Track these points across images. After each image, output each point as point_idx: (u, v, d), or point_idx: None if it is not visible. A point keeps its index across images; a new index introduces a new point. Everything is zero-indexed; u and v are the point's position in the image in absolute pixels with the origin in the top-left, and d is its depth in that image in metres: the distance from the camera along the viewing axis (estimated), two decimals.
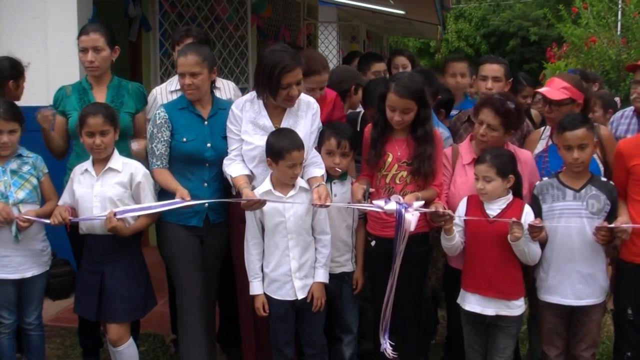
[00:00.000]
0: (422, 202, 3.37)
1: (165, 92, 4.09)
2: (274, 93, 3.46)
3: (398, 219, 3.29)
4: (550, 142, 3.75)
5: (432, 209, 3.39)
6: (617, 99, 5.22)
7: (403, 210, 3.28)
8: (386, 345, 3.47)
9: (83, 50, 3.73)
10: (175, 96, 3.95)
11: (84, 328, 3.94)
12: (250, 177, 3.54)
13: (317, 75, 3.81)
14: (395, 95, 3.42)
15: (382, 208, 3.33)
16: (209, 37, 6.07)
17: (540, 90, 3.78)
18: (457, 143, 3.83)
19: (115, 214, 3.35)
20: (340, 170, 3.62)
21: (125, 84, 3.92)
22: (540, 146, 3.80)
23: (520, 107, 3.79)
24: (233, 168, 3.54)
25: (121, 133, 3.72)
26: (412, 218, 3.27)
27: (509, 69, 4.25)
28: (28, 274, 3.54)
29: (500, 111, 3.47)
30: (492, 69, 4.18)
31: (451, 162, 3.65)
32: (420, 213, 3.36)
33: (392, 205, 3.30)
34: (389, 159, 3.51)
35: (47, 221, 3.44)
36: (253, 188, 3.47)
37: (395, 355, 3.50)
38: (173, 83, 4.11)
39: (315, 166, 3.54)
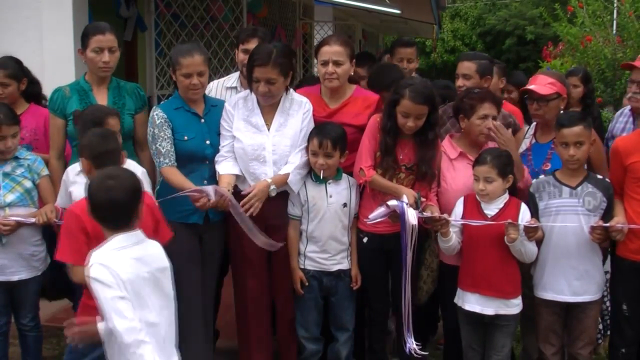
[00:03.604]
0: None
1: (221, 87, 4.09)
2: (250, 85, 3.54)
3: (402, 215, 3.31)
4: (533, 141, 3.78)
5: (428, 213, 3.40)
6: None
7: (405, 205, 3.30)
8: (412, 345, 3.46)
9: (97, 50, 3.68)
10: (231, 93, 3.97)
11: None
12: (240, 177, 3.57)
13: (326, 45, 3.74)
14: (411, 102, 3.41)
15: (387, 206, 3.36)
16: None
17: (528, 87, 3.78)
18: (443, 137, 3.82)
19: None
20: (323, 172, 3.59)
21: (124, 85, 3.89)
22: (524, 145, 3.82)
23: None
24: (222, 166, 3.57)
25: (125, 134, 3.72)
26: (413, 213, 3.31)
27: (485, 65, 4.14)
28: (15, 278, 3.50)
29: (499, 102, 3.60)
30: (463, 66, 4.12)
31: None
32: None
33: (393, 201, 3.34)
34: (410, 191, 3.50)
35: (33, 220, 3.42)
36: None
37: (423, 354, 3.52)
38: (232, 79, 4.12)
39: (289, 164, 3.57)
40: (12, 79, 3.87)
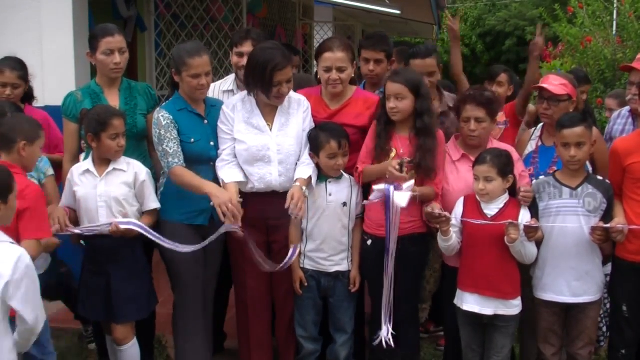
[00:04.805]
0: (412, 183, 3.35)
1: (218, 91, 4.09)
2: (267, 91, 3.48)
3: (387, 198, 3.30)
4: (540, 143, 3.77)
5: (429, 209, 3.40)
6: None
7: (392, 189, 3.28)
8: (387, 334, 3.46)
9: (107, 52, 3.68)
10: (228, 96, 3.98)
11: (99, 329, 3.91)
12: (244, 183, 3.56)
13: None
14: (389, 81, 3.49)
15: (374, 190, 3.36)
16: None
17: (542, 84, 3.75)
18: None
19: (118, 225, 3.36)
20: (342, 171, 3.64)
21: (135, 86, 3.90)
22: (530, 147, 3.81)
23: (494, 93, 3.89)
24: (226, 172, 3.54)
25: (138, 134, 3.73)
26: (403, 196, 3.27)
27: (439, 56, 4.10)
28: None
29: (483, 102, 3.52)
30: (426, 63, 3.94)
31: None
32: (416, 209, 3.40)
33: (381, 185, 3.32)
34: (392, 154, 3.51)
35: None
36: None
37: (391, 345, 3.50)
38: (228, 82, 4.13)
39: (305, 165, 3.57)
40: (22, 80, 3.92)
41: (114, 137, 3.42)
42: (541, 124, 3.86)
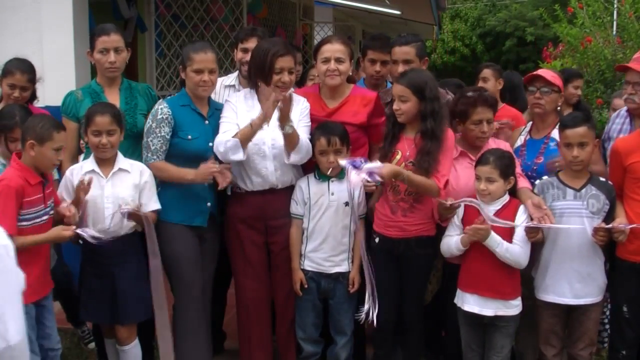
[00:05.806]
0: (374, 165, 3.26)
1: (219, 85, 4.10)
2: (268, 77, 3.50)
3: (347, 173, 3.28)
4: (528, 137, 3.80)
5: (442, 200, 3.38)
6: None
7: (349, 167, 3.21)
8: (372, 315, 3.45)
9: (103, 51, 3.70)
10: (230, 91, 4.03)
11: (99, 329, 3.91)
12: (242, 175, 3.59)
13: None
14: (394, 82, 3.50)
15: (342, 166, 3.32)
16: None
17: (537, 71, 3.83)
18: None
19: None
20: (333, 170, 3.59)
21: (135, 86, 3.91)
22: (519, 142, 3.84)
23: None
24: (230, 133, 3.51)
25: (138, 134, 3.72)
26: (356, 178, 3.20)
27: (422, 47, 3.99)
28: None
29: (492, 103, 3.57)
30: (402, 51, 3.91)
31: None
32: (425, 212, 3.45)
33: (343, 162, 3.28)
34: (398, 157, 3.50)
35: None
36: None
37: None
38: (230, 78, 4.18)
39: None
40: (31, 83, 3.93)
41: (96, 133, 3.39)
42: (530, 123, 3.90)
